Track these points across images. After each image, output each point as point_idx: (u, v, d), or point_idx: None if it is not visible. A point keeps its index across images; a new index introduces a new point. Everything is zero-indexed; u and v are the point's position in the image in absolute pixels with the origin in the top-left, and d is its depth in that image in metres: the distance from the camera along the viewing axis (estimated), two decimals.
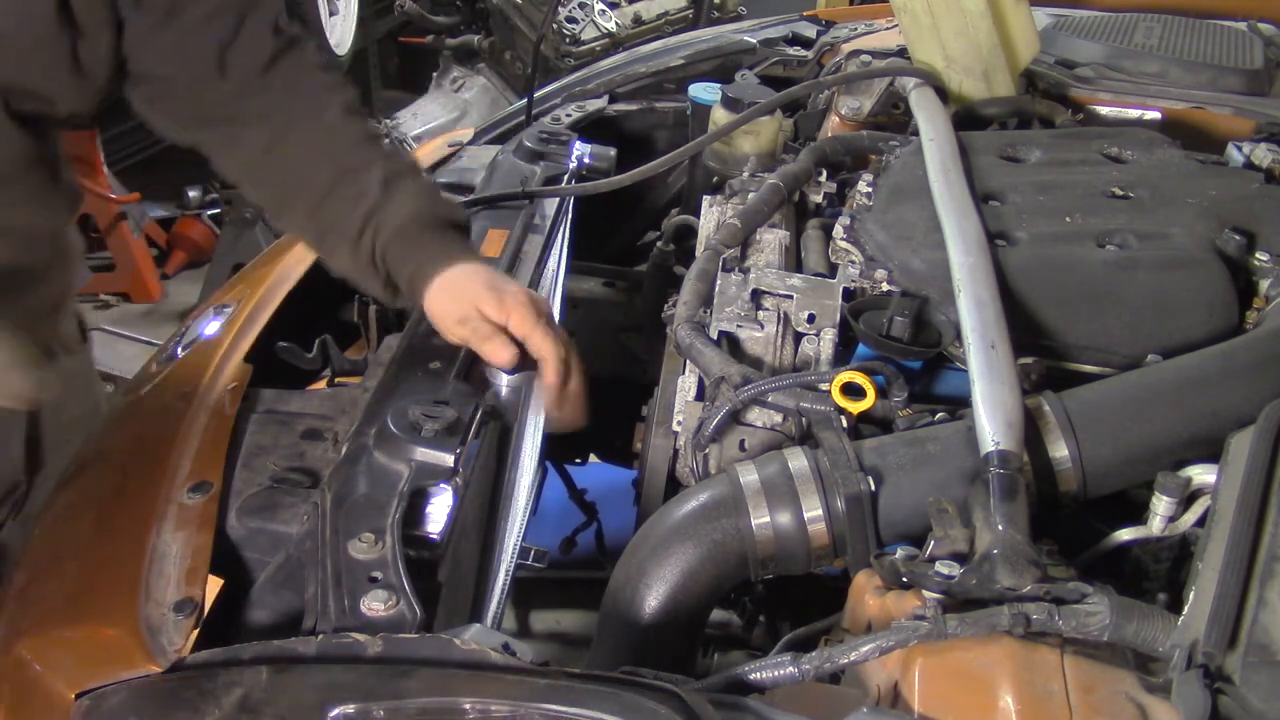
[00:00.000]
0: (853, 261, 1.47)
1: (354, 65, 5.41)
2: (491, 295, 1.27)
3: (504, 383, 1.33)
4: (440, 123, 4.85)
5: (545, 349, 1.29)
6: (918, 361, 1.33)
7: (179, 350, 1.52)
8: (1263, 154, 1.71)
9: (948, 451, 1.18)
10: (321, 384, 1.46)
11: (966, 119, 1.86)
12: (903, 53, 2.07)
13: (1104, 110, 2.02)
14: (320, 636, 0.93)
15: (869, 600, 1.04)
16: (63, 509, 1.28)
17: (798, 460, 1.18)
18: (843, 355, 1.37)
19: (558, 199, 1.85)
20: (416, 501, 1.14)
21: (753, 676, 0.97)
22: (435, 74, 5.14)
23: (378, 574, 1.01)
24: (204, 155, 1.39)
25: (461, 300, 1.27)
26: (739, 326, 1.38)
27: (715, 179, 1.90)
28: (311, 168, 1.30)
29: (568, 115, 2.22)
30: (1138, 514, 1.17)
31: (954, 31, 1.87)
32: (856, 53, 2.19)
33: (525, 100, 2.21)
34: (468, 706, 0.88)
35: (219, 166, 1.40)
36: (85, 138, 3.84)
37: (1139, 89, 2.03)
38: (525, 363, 1.31)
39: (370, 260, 1.30)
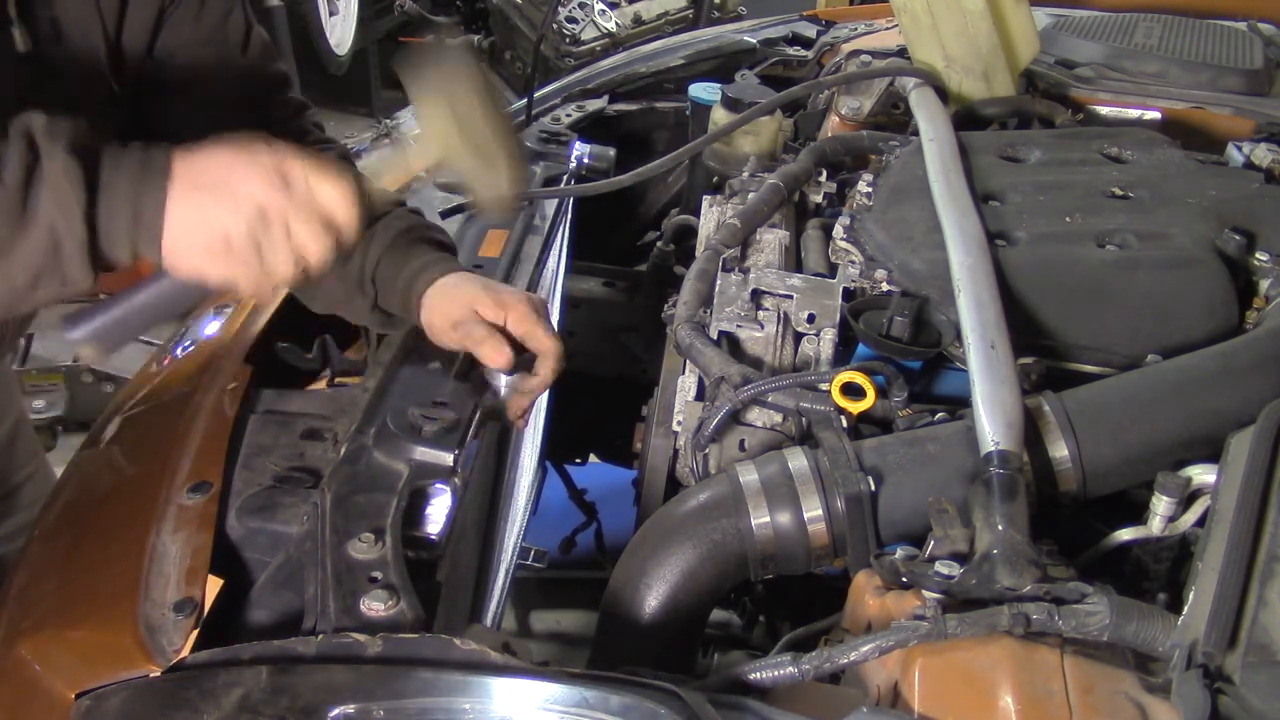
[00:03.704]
0: (853, 261, 1.47)
1: (354, 65, 5.40)
2: (488, 295, 1.28)
3: (503, 383, 1.33)
4: None
5: (546, 344, 1.30)
6: (918, 361, 1.32)
7: (179, 351, 1.52)
8: (1263, 154, 1.71)
9: (948, 451, 1.18)
10: (321, 384, 1.46)
11: (966, 119, 1.86)
12: (903, 53, 2.07)
13: (1104, 110, 2.02)
14: (320, 636, 0.93)
15: (869, 600, 1.04)
16: (62, 509, 1.28)
17: (798, 460, 1.18)
18: (843, 355, 1.37)
19: (557, 199, 1.85)
20: (416, 501, 1.14)
21: (753, 676, 0.97)
22: None
23: (377, 574, 1.01)
24: None
25: (457, 303, 1.28)
26: (739, 326, 1.38)
27: (715, 179, 1.90)
28: None
29: (568, 115, 2.23)
30: (1138, 514, 1.17)
31: (954, 31, 1.87)
32: (856, 53, 2.19)
33: (525, 100, 2.21)
34: (467, 706, 0.88)
35: None
36: None
37: (1139, 89, 2.03)
38: (522, 363, 1.31)
39: (360, 279, 1.31)
